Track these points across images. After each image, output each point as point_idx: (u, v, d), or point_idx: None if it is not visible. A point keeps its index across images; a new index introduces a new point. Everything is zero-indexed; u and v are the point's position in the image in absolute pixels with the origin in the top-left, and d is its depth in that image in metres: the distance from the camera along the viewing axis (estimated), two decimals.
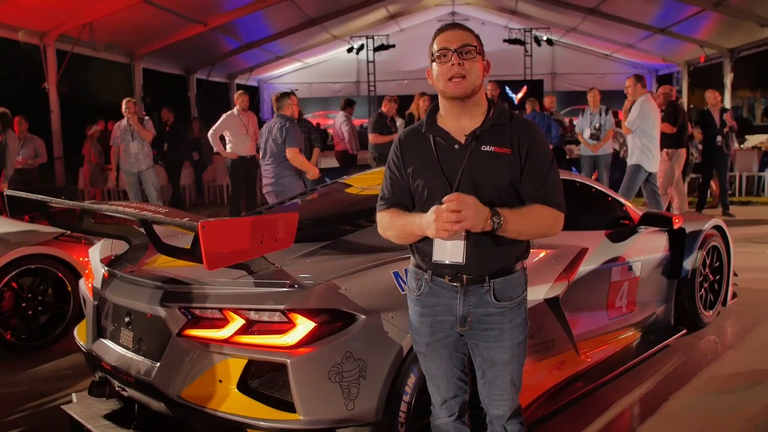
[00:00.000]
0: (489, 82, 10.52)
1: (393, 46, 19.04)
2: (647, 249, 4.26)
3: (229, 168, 8.84)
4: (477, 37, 2.13)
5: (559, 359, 3.33)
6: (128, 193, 9.19)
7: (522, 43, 18.96)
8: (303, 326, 2.42)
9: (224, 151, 8.71)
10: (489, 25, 19.31)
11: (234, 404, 2.46)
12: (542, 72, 20.00)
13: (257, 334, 2.47)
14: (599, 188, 4.36)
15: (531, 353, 3.03)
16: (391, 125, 9.20)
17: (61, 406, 3.17)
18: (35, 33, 10.74)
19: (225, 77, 18.66)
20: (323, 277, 2.55)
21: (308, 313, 2.43)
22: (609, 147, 9.32)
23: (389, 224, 2.21)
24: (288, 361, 2.39)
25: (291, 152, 6.02)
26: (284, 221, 2.56)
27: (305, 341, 2.41)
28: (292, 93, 6.50)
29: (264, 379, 2.51)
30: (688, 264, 4.48)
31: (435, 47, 2.12)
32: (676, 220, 4.30)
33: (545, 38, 19.14)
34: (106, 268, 3.10)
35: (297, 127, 6.35)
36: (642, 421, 3.40)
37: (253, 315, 2.48)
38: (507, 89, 17.72)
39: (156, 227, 2.78)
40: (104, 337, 3.08)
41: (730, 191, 11.28)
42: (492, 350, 2.17)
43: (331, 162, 10.91)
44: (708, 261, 4.74)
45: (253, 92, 19.13)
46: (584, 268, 3.58)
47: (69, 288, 4.83)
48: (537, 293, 3.14)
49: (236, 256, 2.40)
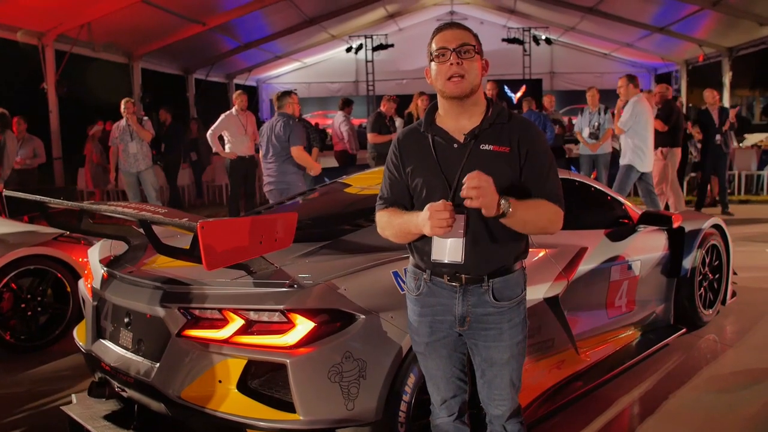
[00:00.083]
0: (488, 82, 10.52)
1: (392, 46, 19.02)
2: (646, 248, 4.26)
3: (228, 168, 8.84)
4: (475, 37, 2.13)
5: (559, 358, 3.33)
6: (127, 194, 9.18)
7: (521, 43, 18.95)
8: (302, 326, 2.42)
9: (223, 151, 8.71)
10: (488, 25, 19.31)
11: (234, 404, 2.46)
12: (541, 71, 20.00)
13: (257, 335, 2.47)
14: (598, 187, 4.37)
15: (530, 353, 3.03)
16: (390, 125, 9.20)
17: (61, 407, 3.17)
18: (34, 33, 10.73)
19: (224, 77, 18.65)
20: (323, 277, 2.55)
21: (308, 313, 2.43)
22: (608, 146, 9.31)
23: (387, 223, 2.22)
24: (287, 361, 2.39)
25: (296, 150, 6.02)
26: (283, 221, 2.56)
27: (305, 341, 2.41)
28: (293, 92, 6.49)
29: (264, 380, 2.51)
30: (688, 263, 4.49)
31: (433, 46, 2.12)
32: (676, 219, 4.30)
33: (544, 37, 19.14)
34: (106, 269, 3.10)
35: (300, 125, 6.36)
36: (642, 420, 3.40)
37: (253, 315, 2.48)
38: (506, 88, 17.71)
39: (155, 227, 2.78)
40: (104, 338, 3.08)
41: (729, 190, 11.28)
42: (491, 350, 2.17)
43: (331, 162, 10.88)
44: (707, 260, 4.74)
45: (252, 92, 19.11)
46: (584, 268, 3.58)
47: (68, 289, 4.83)
48: (536, 292, 3.14)
49: (235, 257, 2.40)
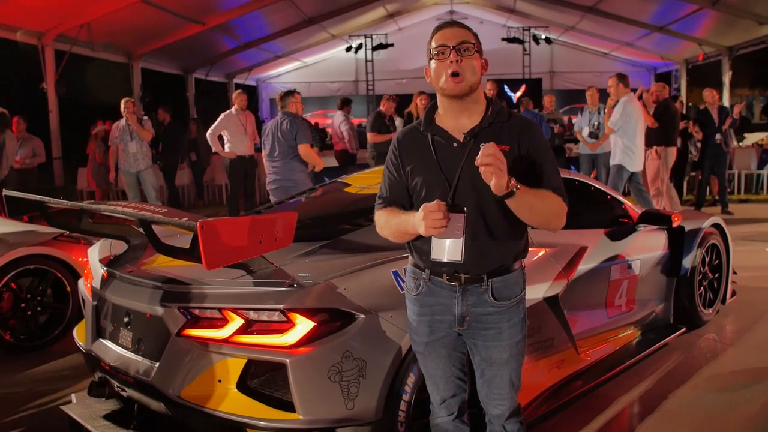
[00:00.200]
0: (488, 81, 10.51)
1: (391, 45, 19.00)
2: (646, 247, 4.26)
3: (228, 168, 8.84)
4: (475, 35, 2.13)
5: (559, 358, 3.33)
6: (127, 193, 9.18)
7: (520, 42, 18.93)
8: (302, 326, 2.42)
9: (223, 151, 8.71)
10: (487, 24, 19.29)
11: (233, 404, 2.46)
12: (541, 71, 19.97)
13: (256, 334, 2.47)
14: (598, 187, 4.37)
15: (530, 352, 3.03)
16: (390, 124, 9.20)
17: (61, 407, 3.17)
18: (33, 33, 10.72)
19: (223, 77, 18.63)
20: (322, 277, 2.54)
21: (307, 313, 2.43)
22: (608, 145, 9.24)
23: (385, 223, 2.22)
24: (287, 361, 2.39)
25: (303, 148, 6.08)
26: (283, 221, 2.56)
27: (304, 341, 2.41)
28: (296, 91, 6.50)
29: (263, 379, 2.51)
30: (687, 262, 4.48)
31: (433, 45, 2.12)
32: (675, 219, 4.31)
33: (544, 37, 19.12)
34: (105, 269, 3.10)
35: (305, 123, 6.42)
36: (642, 420, 3.40)
37: (253, 315, 2.48)
38: (506, 88, 17.70)
39: (155, 227, 2.78)
40: (103, 338, 3.07)
41: (729, 189, 11.28)
42: (490, 349, 2.17)
43: (331, 161, 10.87)
44: (707, 259, 4.74)
45: (252, 92, 19.10)
46: (583, 267, 3.58)
47: (68, 288, 4.82)
48: (536, 292, 3.14)
49: (235, 256, 2.40)
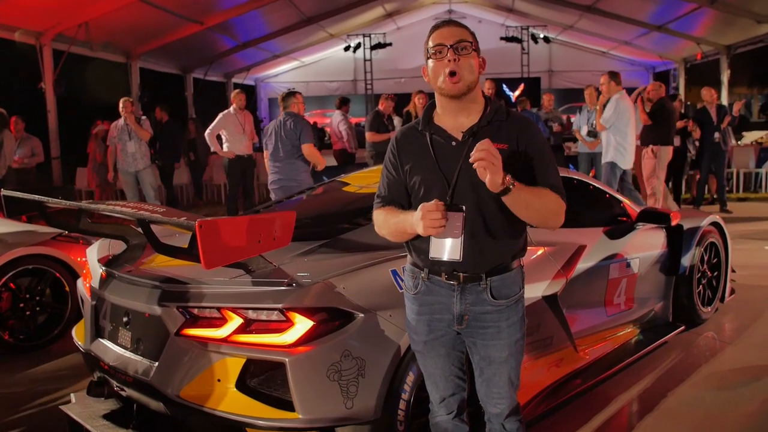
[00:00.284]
0: (486, 80, 10.50)
1: (390, 45, 19.00)
2: (645, 246, 4.26)
3: (227, 167, 8.84)
4: (472, 34, 2.12)
5: (558, 356, 3.34)
6: (126, 193, 9.18)
7: (519, 41, 18.93)
8: (301, 325, 2.42)
9: (221, 151, 8.71)
10: (486, 23, 19.29)
11: (233, 403, 2.46)
12: (539, 70, 19.97)
13: (255, 333, 2.47)
14: (597, 185, 4.37)
15: (529, 351, 3.03)
16: (388, 123, 9.20)
17: (60, 407, 3.17)
18: (32, 33, 10.72)
19: (222, 76, 18.62)
20: (321, 276, 2.54)
21: (306, 312, 2.43)
22: None
23: (384, 222, 2.22)
24: (286, 360, 2.39)
25: (307, 147, 6.15)
26: (282, 220, 2.56)
27: (303, 340, 2.41)
28: (298, 92, 6.55)
29: (262, 378, 2.51)
30: (686, 260, 4.49)
31: (430, 44, 2.11)
32: (674, 217, 4.31)
33: (542, 36, 19.11)
34: (104, 268, 3.10)
35: (308, 123, 6.48)
36: (641, 418, 3.40)
37: (251, 314, 2.48)
38: (504, 87, 17.70)
39: (154, 227, 2.78)
40: (102, 337, 3.07)
41: (728, 188, 11.29)
42: (489, 348, 2.17)
43: (329, 161, 10.87)
44: (706, 257, 4.74)
45: (250, 91, 19.09)
46: (582, 266, 3.58)
47: (67, 288, 4.82)
48: (535, 291, 3.15)
49: (234, 255, 2.39)
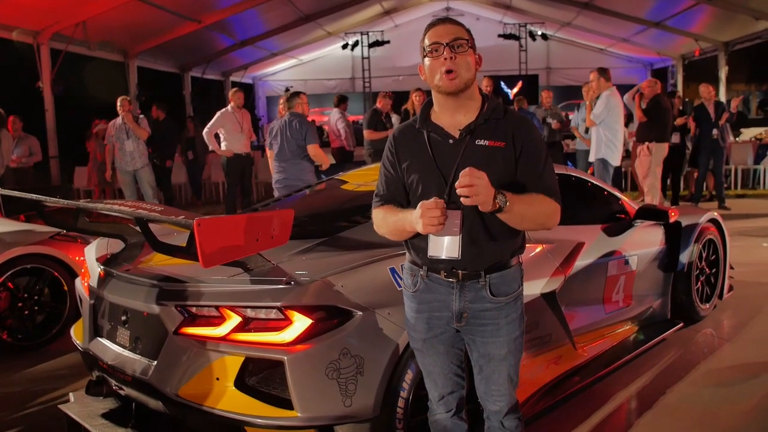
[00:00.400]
0: (484, 78, 10.50)
1: (388, 42, 18.99)
2: (643, 243, 4.26)
3: (225, 166, 8.83)
4: (468, 31, 2.12)
5: (557, 354, 3.34)
6: (124, 192, 9.18)
7: (517, 38, 18.92)
8: (300, 323, 2.42)
9: (219, 149, 8.70)
10: (483, 21, 19.28)
11: (231, 402, 2.46)
12: (537, 67, 19.96)
13: (254, 332, 2.47)
14: (595, 182, 4.36)
15: (528, 348, 3.03)
16: (386, 121, 9.20)
17: (59, 406, 3.17)
18: (29, 32, 10.69)
19: (220, 75, 18.61)
20: (319, 274, 2.54)
21: (305, 310, 2.43)
22: None
23: (383, 221, 2.22)
24: (285, 358, 2.39)
25: (313, 148, 6.25)
26: (280, 218, 2.55)
27: (302, 338, 2.41)
28: (302, 92, 6.61)
29: (261, 377, 2.51)
30: (685, 257, 4.49)
31: (426, 42, 2.11)
32: (672, 214, 4.31)
33: (540, 33, 19.09)
34: (102, 267, 3.10)
35: (313, 124, 6.61)
36: (639, 415, 3.41)
37: (250, 312, 2.48)
38: (502, 84, 17.70)
39: (152, 225, 2.78)
40: (101, 336, 3.07)
41: (726, 184, 11.30)
42: (488, 346, 2.17)
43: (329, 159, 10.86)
44: (704, 254, 4.75)
45: (248, 89, 19.07)
46: (581, 263, 3.59)
47: (65, 287, 4.82)
48: (533, 288, 3.15)
49: (232, 254, 2.39)
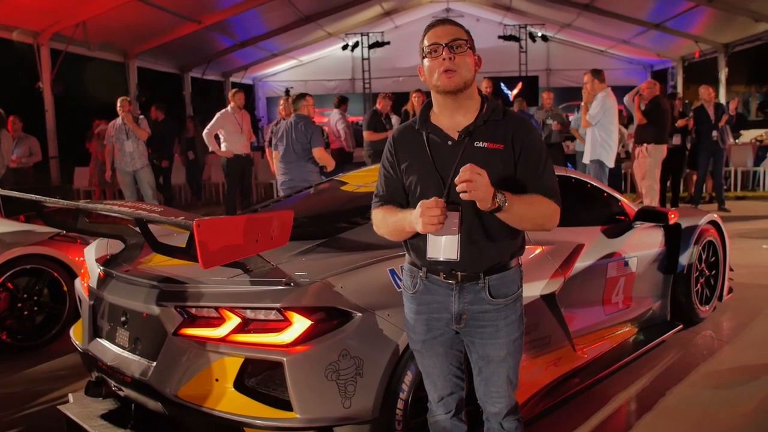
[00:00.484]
0: (484, 79, 10.49)
1: (388, 43, 18.98)
2: (643, 245, 4.26)
3: (225, 167, 8.83)
4: (467, 32, 2.13)
5: (556, 355, 3.34)
6: (124, 192, 9.17)
7: (517, 40, 18.92)
8: (299, 324, 2.42)
9: (219, 150, 8.70)
10: (484, 22, 19.29)
11: (231, 403, 2.46)
12: (537, 68, 19.97)
13: (253, 333, 2.47)
14: (595, 184, 4.37)
15: (528, 350, 3.03)
16: (386, 122, 9.21)
17: (58, 407, 3.17)
18: (29, 32, 10.69)
19: (220, 75, 18.62)
20: (319, 275, 2.54)
21: (304, 311, 2.43)
22: None
23: (382, 221, 2.22)
24: (284, 360, 2.38)
25: (318, 151, 6.33)
26: (279, 219, 2.55)
27: (301, 339, 2.41)
28: (308, 94, 6.68)
29: (260, 378, 2.50)
30: (684, 259, 4.49)
31: (426, 43, 2.11)
32: (672, 216, 4.31)
33: (540, 34, 19.10)
34: (102, 268, 3.10)
35: (318, 127, 6.69)
36: (639, 417, 3.41)
37: (249, 313, 2.48)
38: (502, 86, 17.70)
39: (151, 226, 2.78)
40: (100, 337, 3.07)
41: (726, 186, 11.29)
42: (488, 347, 2.17)
43: None
44: (704, 256, 4.75)
45: (248, 90, 19.07)
46: (580, 264, 3.58)
47: (65, 288, 4.82)
48: (533, 290, 3.15)
49: (232, 255, 2.39)
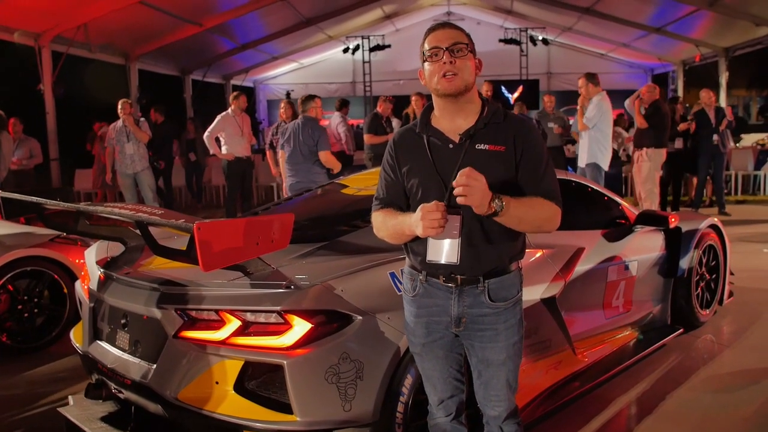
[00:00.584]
0: (484, 82, 10.51)
1: (389, 47, 19.00)
2: (643, 248, 4.26)
3: (226, 169, 8.83)
4: (468, 36, 2.13)
5: (556, 359, 3.33)
6: (124, 195, 9.17)
7: (518, 43, 18.94)
8: (299, 327, 2.42)
9: (220, 153, 8.70)
10: (484, 25, 19.30)
11: (231, 406, 2.46)
12: (538, 72, 19.98)
13: (254, 336, 2.47)
14: (595, 187, 4.37)
15: (528, 353, 3.03)
16: (387, 125, 9.22)
17: (58, 409, 3.17)
18: (30, 34, 10.71)
19: (221, 78, 18.62)
20: (319, 278, 2.54)
21: (304, 314, 2.43)
22: None
23: (382, 224, 2.22)
24: (284, 363, 2.38)
25: (324, 155, 6.41)
26: (280, 222, 2.55)
27: (302, 342, 2.41)
28: (317, 96, 6.74)
29: (261, 381, 2.50)
30: (685, 263, 4.49)
31: (426, 47, 2.12)
32: (672, 219, 4.31)
33: (541, 38, 19.12)
34: (102, 270, 3.10)
35: (325, 130, 6.77)
36: (639, 421, 3.40)
37: (250, 316, 2.48)
38: (503, 89, 17.70)
39: (152, 229, 2.78)
40: (100, 339, 3.07)
41: (726, 190, 11.29)
42: (487, 351, 2.17)
43: None
44: (704, 260, 4.74)
45: (249, 93, 19.09)
46: (581, 268, 3.58)
47: (65, 290, 4.82)
48: (533, 293, 3.15)
49: (232, 258, 2.39)
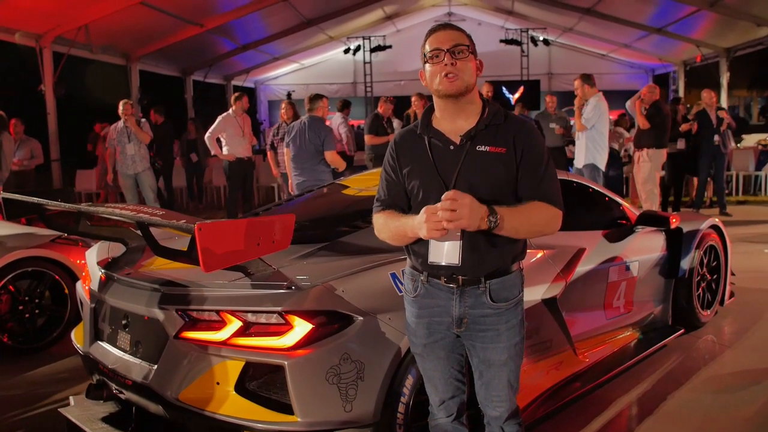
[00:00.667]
0: (485, 83, 10.51)
1: (390, 47, 19.03)
2: (644, 249, 4.26)
3: (227, 170, 8.84)
4: (469, 37, 2.13)
5: (557, 359, 3.33)
6: (125, 195, 9.18)
7: (518, 44, 18.95)
8: (300, 328, 2.42)
9: (221, 153, 8.71)
10: (485, 26, 19.32)
11: (232, 406, 2.46)
12: (539, 72, 20.00)
13: (255, 336, 2.47)
14: (596, 188, 4.36)
15: (529, 354, 3.03)
16: (388, 126, 9.22)
17: (59, 409, 3.17)
18: (32, 35, 10.72)
19: (222, 79, 18.64)
20: (320, 279, 2.54)
21: (305, 315, 2.43)
22: None
23: (384, 226, 2.21)
24: (285, 363, 2.38)
25: (330, 155, 6.47)
26: (281, 223, 2.55)
27: (303, 343, 2.41)
28: (324, 96, 6.78)
29: (262, 381, 2.51)
30: (686, 264, 4.49)
31: (427, 48, 2.11)
32: (673, 220, 4.31)
33: (542, 38, 19.13)
34: (103, 271, 3.10)
35: (331, 130, 6.85)
36: (640, 421, 3.40)
37: (251, 317, 2.48)
38: (504, 89, 17.71)
39: (153, 229, 2.78)
40: (101, 340, 3.07)
41: (727, 191, 11.29)
42: (488, 351, 2.17)
43: None
44: (705, 260, 4.74)
45: (250, 93, 19.10)
46: (582, 269, 3.58)
47: (66, 291, 4.82)
48: (534, 294, 3.14)
49: (233, 258, 2.39)
